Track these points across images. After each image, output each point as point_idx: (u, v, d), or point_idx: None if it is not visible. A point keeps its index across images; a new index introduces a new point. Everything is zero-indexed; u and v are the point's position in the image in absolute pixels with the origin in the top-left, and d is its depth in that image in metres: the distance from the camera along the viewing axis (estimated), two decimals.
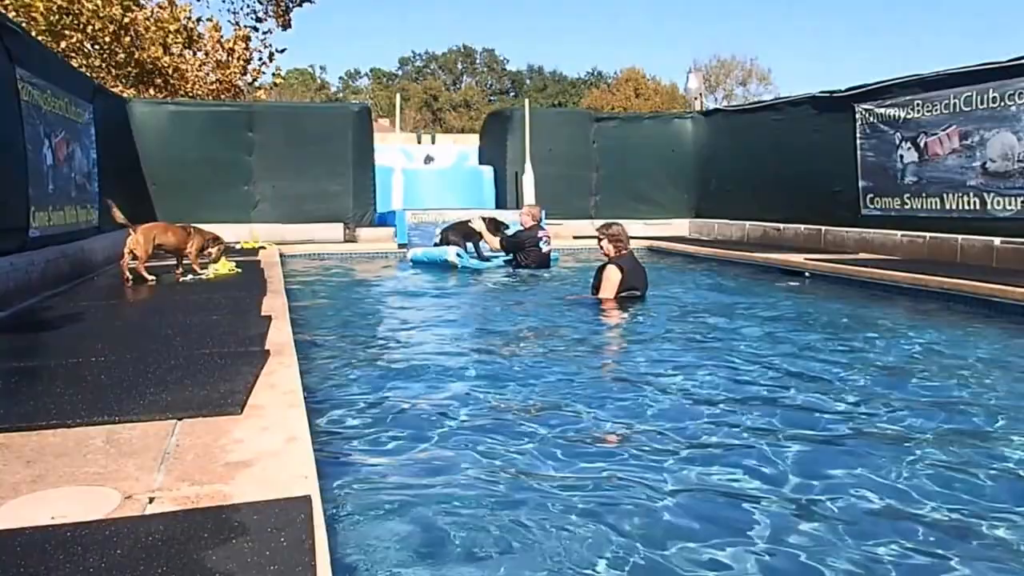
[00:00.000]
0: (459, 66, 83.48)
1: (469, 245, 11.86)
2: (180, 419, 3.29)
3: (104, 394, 3.68)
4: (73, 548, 2.11)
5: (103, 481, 2.61)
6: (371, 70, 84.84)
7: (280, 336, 5.10)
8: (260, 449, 2.92)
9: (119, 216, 7.99)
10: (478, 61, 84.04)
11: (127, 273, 7.98)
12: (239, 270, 9.02)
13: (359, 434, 4.09)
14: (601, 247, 8.10)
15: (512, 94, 77.37)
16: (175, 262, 8.70)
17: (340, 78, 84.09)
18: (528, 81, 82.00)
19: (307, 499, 2.43)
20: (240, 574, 1.97)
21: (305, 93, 70.72)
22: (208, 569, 2.00)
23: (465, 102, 75.18)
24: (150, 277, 8.00)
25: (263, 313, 6.05)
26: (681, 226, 16.58)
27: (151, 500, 2.47)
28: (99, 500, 2.45)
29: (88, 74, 15.81)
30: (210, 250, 8.92)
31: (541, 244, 11.25)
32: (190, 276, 8.43)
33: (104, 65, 18.44)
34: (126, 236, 7.99)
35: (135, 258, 7.97)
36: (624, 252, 7.95)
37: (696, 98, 19.69)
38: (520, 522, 3.00)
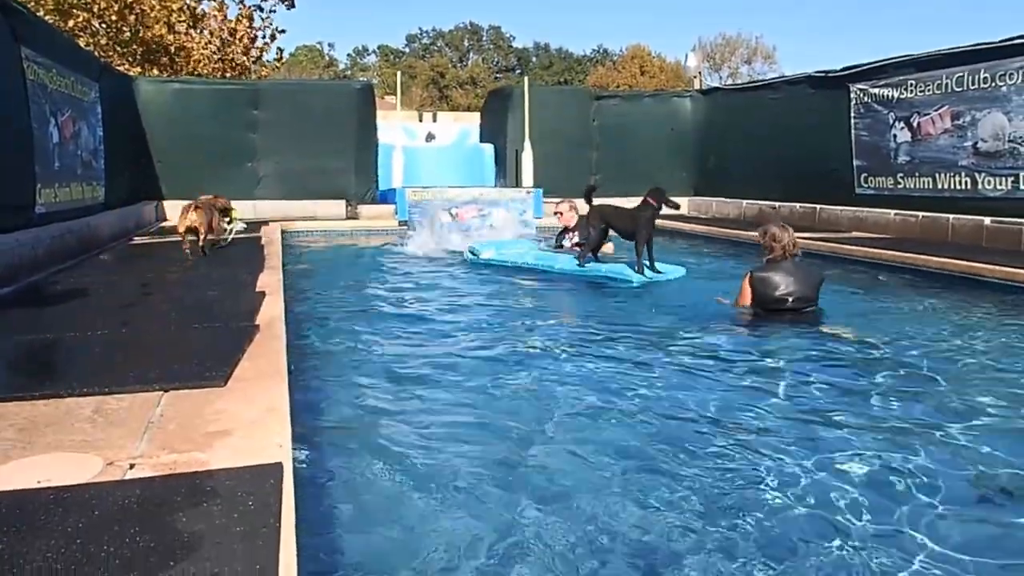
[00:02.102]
0: (465, 43, 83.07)
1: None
2: (167, 391, 3.43)
3: (97, 367, 3.85)
4: (55, 509, 2.27)
5: (88, 448, 2.76)
6: (379, 47, 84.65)
7: (271, 311, 5.26)
8: (239, 419, 3.07)
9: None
10: (484, 38, 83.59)
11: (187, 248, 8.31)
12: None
13: (342, 406, 4.28)
14: None
15: (518, 71, 76.88)
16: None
17: (348, 55, 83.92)
18: (534, 58, 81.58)
19: (279, 466, 2.58)
20: (208, 534, 2.12)
21: (314, 70, 70.65)
22: (178, 529, 2.14)
23: (471, 79, 74.92)
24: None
25: (257, 289, 6.22)
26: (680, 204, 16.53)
27: (131, 466, 2.62)
28: (83, 466, 2.61)
29: (95, 53, 15.95)
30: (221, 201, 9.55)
31: (564, 240, 10.42)
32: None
33: (110, 44, 18.56)
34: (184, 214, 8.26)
35: (195, 233, 8.26)
36: (772, 258, 6.37)
37: (695, 76, 19.68)
38: (494, 504, 3.11)
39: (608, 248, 9.48)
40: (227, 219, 9.79)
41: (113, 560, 1.98)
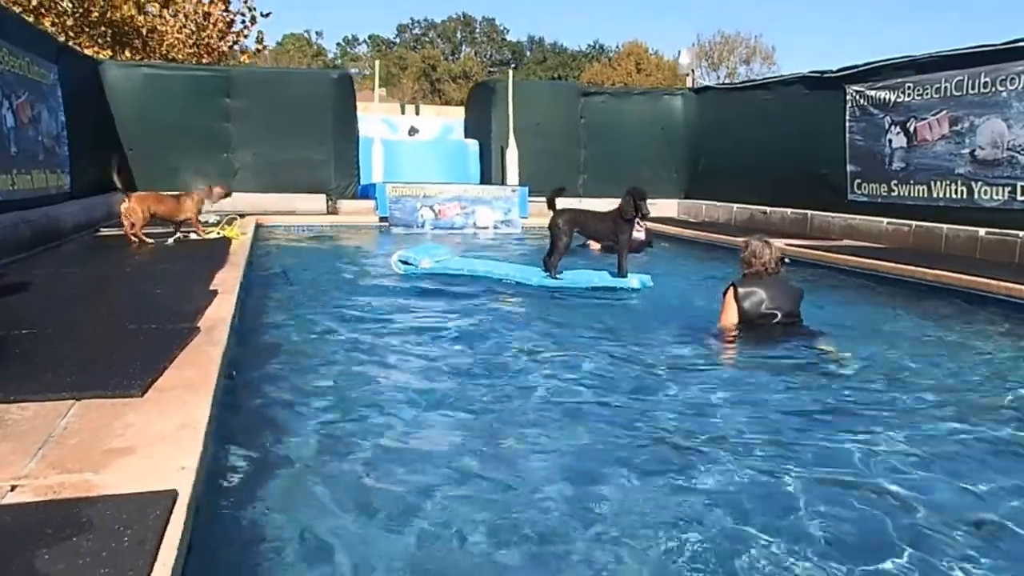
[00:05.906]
0: (458, 35, 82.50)
1: None
2: (79, 399, 3.17)
3: (9, 370, 3.59)
4: None
5: None
6: (369, 37, 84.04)
7: (218, 312, 4.98)
8: (146, 435, 2.81)
9: (117, 180, 8.87)
10: (478, 31, 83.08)
11: (132, 238, 8.69)
12: (244, 235, 9.84)
13: (275, 420, 3.91)
14: None
15: (512, 65, 76.44)
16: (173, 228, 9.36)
17: (337, 44, 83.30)
18: (528, 53, 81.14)
19: (172, 494, 2.34)
20: (66, 574, 1.87)
21: (302, 59, 70.05)
22: (35, 568, 1.91)
23: (464, 73, 74.40)
24: (149, 241, 8.73)
25: (211, 287, 5.93)
26: (669, 207, 16.21)
27: (12, 488, 2.37)
28: None
29: (63, 34, 15.51)
30: (217, 189, 9.78)
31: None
32: (192, 235, 9.32)
33: (78, 24, 18.04)
34: (120, 203, 8.89)
35: (131, 224, 8.72)
36: (752, 273, 5.95)
37: (687, 75, 19.43)
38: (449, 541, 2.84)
39: (595, 246, 9.17)
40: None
41: None
